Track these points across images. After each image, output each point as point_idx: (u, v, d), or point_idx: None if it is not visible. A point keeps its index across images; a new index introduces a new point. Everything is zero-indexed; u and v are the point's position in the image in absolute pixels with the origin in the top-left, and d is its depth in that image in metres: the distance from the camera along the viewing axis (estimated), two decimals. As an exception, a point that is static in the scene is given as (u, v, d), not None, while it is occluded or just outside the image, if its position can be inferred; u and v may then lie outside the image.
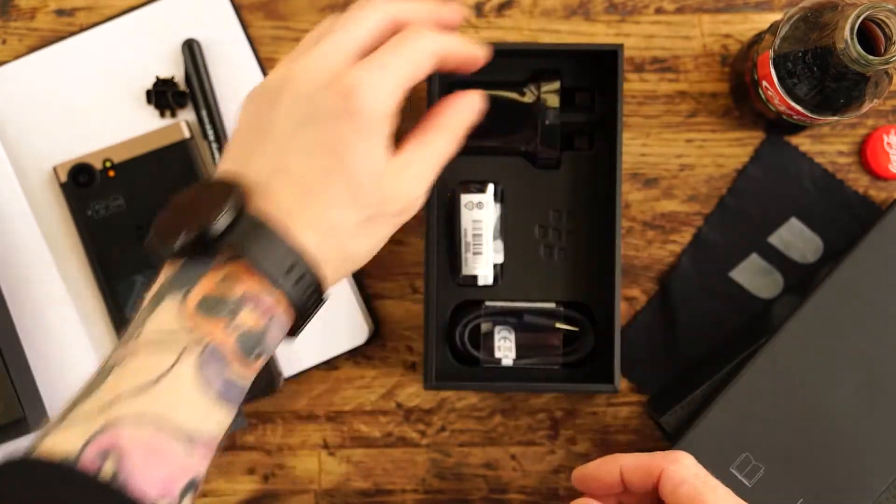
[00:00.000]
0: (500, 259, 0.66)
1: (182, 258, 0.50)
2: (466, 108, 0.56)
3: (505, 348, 0.66)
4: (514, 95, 0.66)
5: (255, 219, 0.49)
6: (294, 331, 0.52)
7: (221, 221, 0.48)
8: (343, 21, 0.54)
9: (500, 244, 0.66)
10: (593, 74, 0.66)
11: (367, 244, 0.53)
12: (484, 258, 0.65)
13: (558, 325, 0.65)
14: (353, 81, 0.51)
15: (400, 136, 0.54)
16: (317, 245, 0.51)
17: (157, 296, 0.50)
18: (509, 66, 0.66)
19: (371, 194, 0.52)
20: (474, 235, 0.65)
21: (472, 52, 0.56)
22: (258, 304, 0.49)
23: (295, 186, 0.51)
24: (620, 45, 0.63)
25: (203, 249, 0.49)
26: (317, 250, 0.51)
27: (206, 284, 0.49)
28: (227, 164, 0.53)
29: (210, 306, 0.49)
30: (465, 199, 0.65)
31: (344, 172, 0.51)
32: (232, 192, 0.49)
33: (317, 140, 0.51)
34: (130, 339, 0.49)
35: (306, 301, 0.50)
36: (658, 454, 0.54)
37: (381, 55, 0.52)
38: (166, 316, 0.49)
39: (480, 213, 0.65)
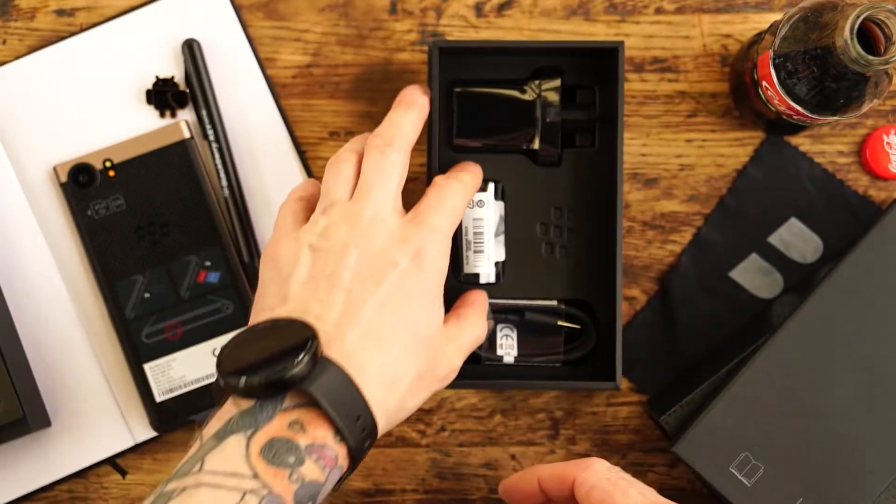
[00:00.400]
0: (501, 257, 0.66)
1: (251, 397, 0.51)
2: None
3: (507, 346, 0.66)
4: (514, 93, 0.66)
5: (330, 368, 0.51)
6: (342, 479, 0.53)
7: (300, 369, 0.50)
8: (378, 171, 0.57)
9: (501, 242, 0.66)
10: (594, 72, 0.66)
11: (415, 402, 0.56)
12: (485, 256, 0.65)
13: (560, 323, 0.65)
14: (420, 243, 0.55)
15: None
16: (381, 397, 0.53)
17: (223, 432, 0.50)
18: (510, 63, 0.66)
19: (429, 349, 0.55)
20: (475, 234, 0.65)
21: (478, 179, 0.62)
22: (322, 454, 0.50)
23: (367, 336, 0.53)
24: (621, 43, 0.63)
25: (275, 392, 0.50)
26: (380, 402, 0.52)
27: (274, 428, 0.50)
28: (288, 307, 0.54)
29: (276, 453, 0.49)
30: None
31: (411, 325, 0.54)
32: (309, 338, 0.51)
33: (388, 294, 0.54)
34: (191, 472, 0.49)
35: (363, 451, 0.52)
36: (572, 462, 0.55)
37: (433, 216, 0.56)
38: (231, 456, 0.49)
39: (481, 212, 0.65)
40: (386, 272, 0.54)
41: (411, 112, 0.59)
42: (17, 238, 0.68)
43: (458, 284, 0.66)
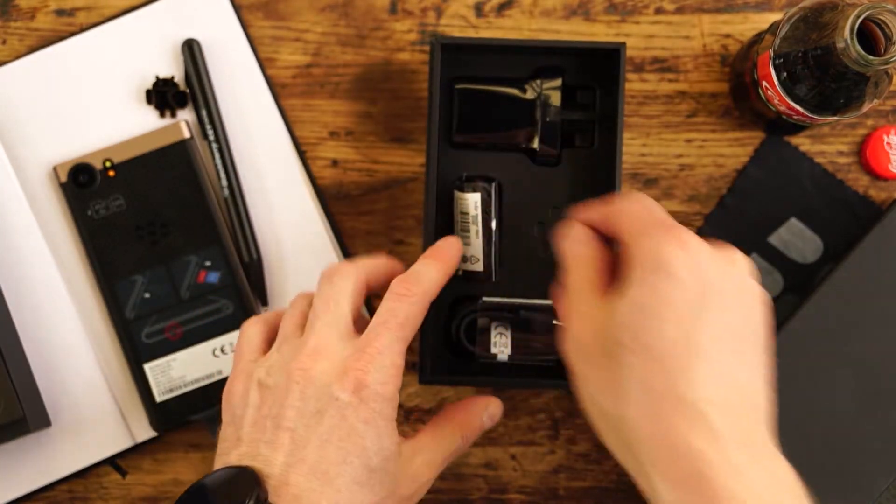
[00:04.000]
0: (493, 250, 0.65)
1: None
2: (483, 412, 0.60)
3: (501, 344, 0.65)
4: (515, 92, 0.66)
5: None
6: None
7: None
8: (323, 300, 0.57)
9: (493, 236, 0.65)
10: (595, 72, 0.66)
11: None
12: (474, 248, 0.65)
13: (555, 322, 0.65)
14: (360, 375, 0.53)
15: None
16: None
17: None
18: (512, 62, 0.66)
19: (384, 476, 0.54)
20: (462, 226, 0.65)
21: (449, 265, 0.60)
22: None
23: (312, 476, 0.52)
24: (623, 44, 0.63)
25: None
26: None
27: None
28: (240, 450, 0.54)
29: None
30: (462, 193, 0.65)
31: (359, 458, 0.53)
32: (253, 484, 0.51)
33: (332, 430, 0.53)
34: None
35: None
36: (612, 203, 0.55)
37: (378, 338, 0.55)
38: None
39: (476, 206, 0.65)
40: (327, 407, 0.53)
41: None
42: (17, 238, 0.68)
43: (454, 282, 0.65)
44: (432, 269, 0.58)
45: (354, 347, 0.55)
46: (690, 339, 0.48)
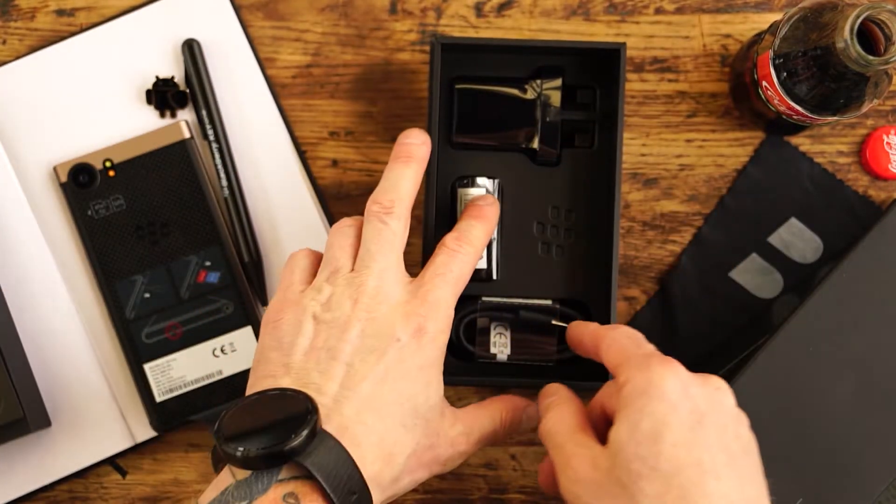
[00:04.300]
0: (495, 247, 0.65)
1: (248, 468, 0.51)
2: (524, 410, 0.61)
3: (500, 344, 0.65)
4: (515, 91, 0.66)
5: (327, 442, 0.51)
6: None
7: (298, 442, 0.50)
8: (379, 241, 0.58)
9: (494, 235, 0.65)
10: (595, 73, 0.66)
11: (412, 479, 0.56)
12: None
13: (554, 322, 0.65)
14: (422, 320, 0.56)
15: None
16: (377, 472, 0.53)
17: (218, 502, 0.51)
18: (512, 62, 0.66)
19: (427, 425, 0.55)
20: None
21: (492, 224, 0.62)
22: None
23: (363, 410, 0.53)
24: (623, 44, 0.63)
25: (271, 463, 0.50)
26: (376, 476, 0.53)
27: (269, 500, 0.50)
28: (290, 376, 0.54)
29: None
30: (466, 189, 0.65)
31: (409, 401, 0.55)
32: (309, 411, 0.51)
33: (388, 370, 0.54)
34: None
35: None
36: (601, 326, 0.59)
37: (436, 289, 0.57)
38: None
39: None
40: (387, 347, 0.55)
41: (410, 167, 0.60)
42: (17, 238, 0.68)
43: None
44: (478, 227, 0.60)
45: (411, 294, 0.56)
46: (696, 458, 0.50)
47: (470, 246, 0.59)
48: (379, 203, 0.58)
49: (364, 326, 0.55)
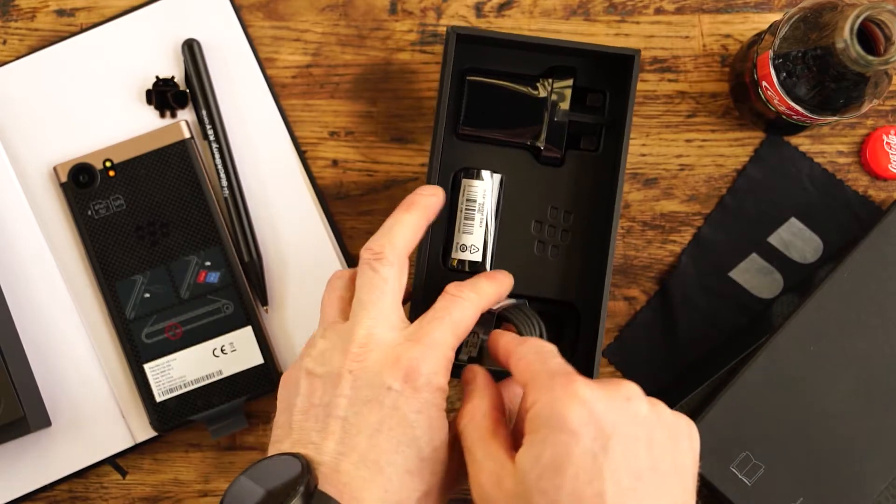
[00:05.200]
0: (490, 242, 0.65)
1: None
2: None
3: (471, 344, 0.64)
4: (526, 89, 0.66)
5: (328, 502, 0.51)
6: None
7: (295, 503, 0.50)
8: (369, 288, 0.56)
9: (492, 230, 0.65)
10: (607, 76, 0.66)
11: None
12: (475, 237, 0.65)
13: (493, 309, 0.64)
14: (413, 363, 0.54)
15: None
16: None
17: None
18: (523, 59, 0.66)
19: (436, 465, 0.54)
20: (467, 214, 0.65)
21: (502, 288, 0.60)
22: None
23: (363, 465, 0.53)
24: (638, 51, 0.63)
25: None
26: None
27: None
28: (292, 438, 0.54)
29: None
30: (470, 180, 0.65)
31: (411, 447, 0.53)
32: (302, 473, 0.51)
33: (383, 420, 0.53)
34: None
35: None
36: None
37: (433, 332, 0.55)
38: None
39: (484, 195, 0.65)
40: (381, 397, 0.53)
41: (410, 213, 0.59)
42: (17, 238, 0.68)
43: (448, 273, 0.65)
44: (488, 283, 0.59)
45: (405, 337, 0.55)
46: (596, 490, 0.49)
47: (472, 293, 0.57)
48: (370, 250, 0.57)
49: (355, 377, 0.54)
